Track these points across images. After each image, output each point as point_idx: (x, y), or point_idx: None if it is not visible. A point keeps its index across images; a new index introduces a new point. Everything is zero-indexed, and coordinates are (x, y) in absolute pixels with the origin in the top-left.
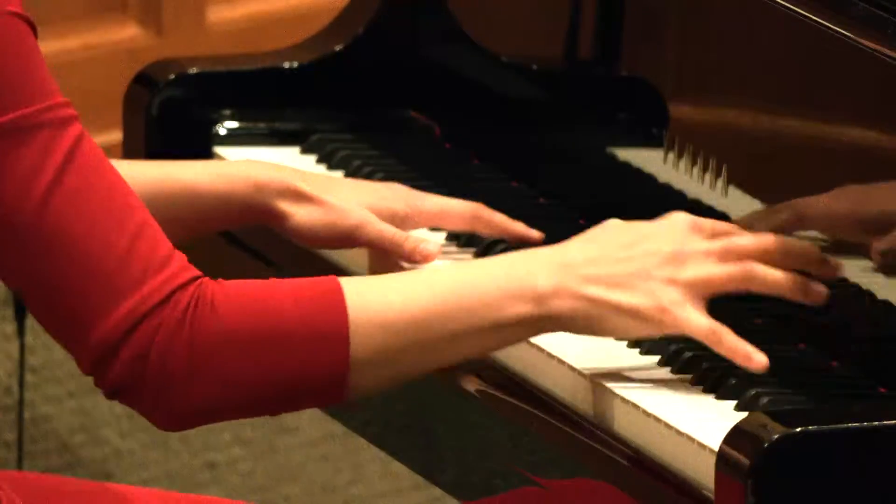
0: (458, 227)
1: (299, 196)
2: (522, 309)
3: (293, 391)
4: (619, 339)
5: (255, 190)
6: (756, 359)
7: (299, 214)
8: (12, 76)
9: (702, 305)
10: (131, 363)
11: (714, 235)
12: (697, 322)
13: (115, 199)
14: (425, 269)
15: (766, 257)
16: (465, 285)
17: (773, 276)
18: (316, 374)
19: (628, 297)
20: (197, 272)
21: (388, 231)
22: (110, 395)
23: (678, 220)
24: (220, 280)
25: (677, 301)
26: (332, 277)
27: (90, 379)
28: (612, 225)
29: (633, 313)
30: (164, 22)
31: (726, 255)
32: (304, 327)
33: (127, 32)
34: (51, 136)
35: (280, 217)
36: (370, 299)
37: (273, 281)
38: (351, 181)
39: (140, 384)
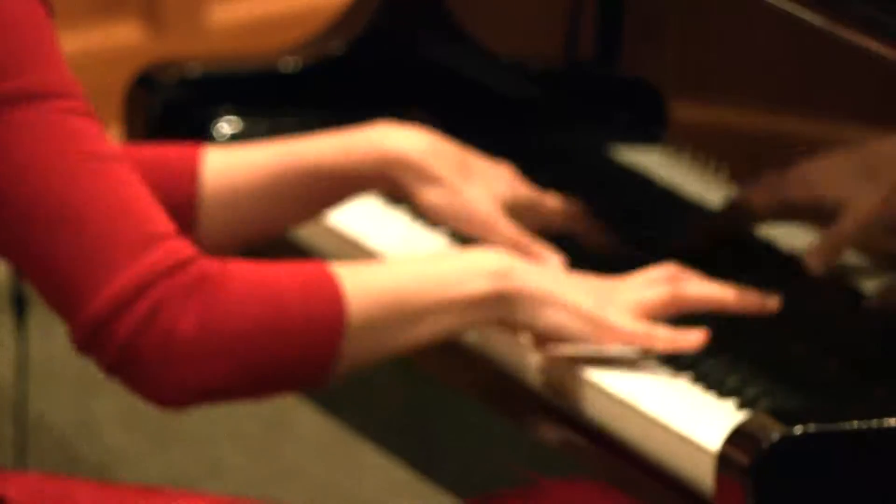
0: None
1: (429, 177)
2: (484, 284)
3: (288, 372)
4: (553, 334)
5: (383, 164)
6: (692, 337)
7: (427, 195)
8: (20, 48)
9: (638, 318)
10: (130, 337)
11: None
12: (630, 325)
13: (116, 176)
14: (416, 256)
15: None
16: (438, 264)
17: (706, 290)
18: (313, 355)
19: (573, 295)
20: (196, 250)
21: (512, 239)
22: (108, 370)
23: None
24: (220, 260)
25: (615, 310)
26: (320, 262)
27: (91, 377)
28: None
29: (573, 309)
30: (164, 22)
31: (662, 282)
32: (304, 302)
33: (127, 32)
34: (55, 107)
35: (407, 192)
36: (361, 280)
37: (268, 264)
38: (487, 164)
39: (140, 359)
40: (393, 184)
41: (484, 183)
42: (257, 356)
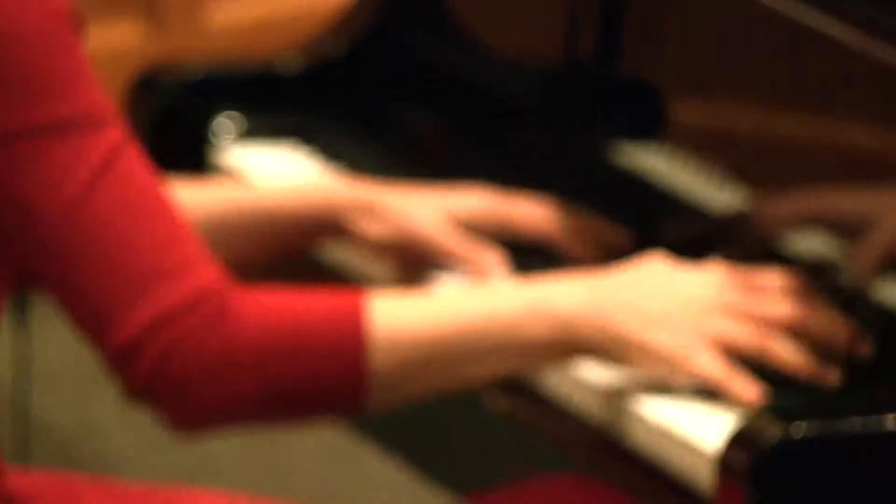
0: (538, 235)
1: (368, 209)
2: (544, 333)
3: (310, 403)
4: (637, 370)
5: (321, 205)
6: (753, 392)
7: (369, 229)
8: (51, 77)
9: (718, 355)
10: (153, 367)
11: (749, 290)
12: (710, 368)
13: (149, 203)
14: (454, 288)
15: (792, 327)
16: (489, 307)
17: (787, 357)
18: (333, 387)
19: (649, 337)
20: (226, 281)
21: (449, 248)
22: (133, 396)
23: (715, 272)
24: (247, 289)
25: (695, 348)
26: (357, 292)
27: (91, 376)
28: (653, 263)
29: (652, 353)
30: (164, 22)
31: (752, 319)
32: (322, 343)
33: (127, 32)
34: (89, 136)
35: (350, 230)
36: (395, 316)
37: (298, 293)
38: (432, 192)
39: (161, 388)
40: (335, 225)
41: (430, 205)
42: (276, 390)
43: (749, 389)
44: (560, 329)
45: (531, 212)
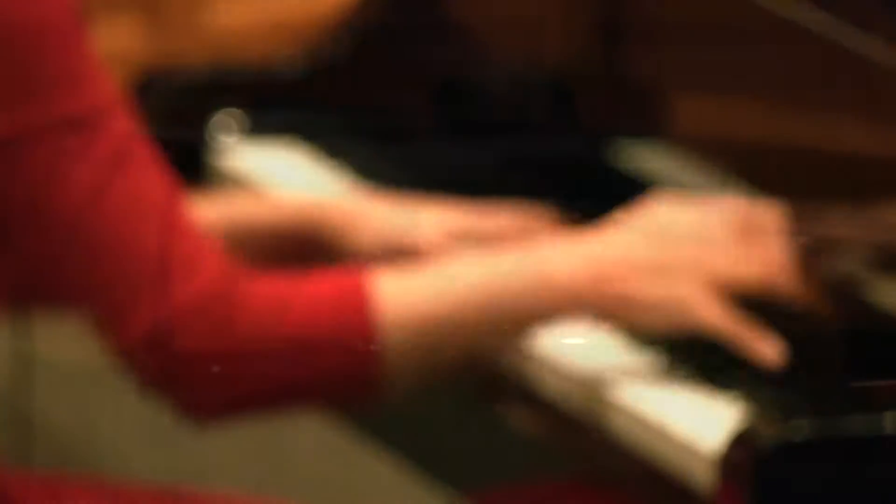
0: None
1: (354, 221)
2: (546, 302)
3: (325, 391)
4: (645, 329)
5: (307, 216)
6: (771, 350)
7: (356, 240)
8: (68, 70)
9: (723, 302)
10: (162, 360)
11: (748, 230)
12: (721, 318)
13: (159, 197)
14: (461, 261)
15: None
16: (493, 281)
17: (794, 292)
18: (347, 374)
19: (650, 291)
20: (234, 272)
21: (426, 247)
22: (145, 388)
23: (713, 218)
24: (255, 278)
25: (701, 297)
26: (362, 273)
27: (91, 376)
28: (651, 208)
29: (655, 307)
30: (164, 22)
31: (752, 259)
32: (332, 332)
33: (127, 32)
34: (103, 128)
35: (337, 243)
36: (402, 295)
37: (306, 280)
38: (413, 205)
39: (173, 383)
40: (322, 241)
41: (413, 216)
42: (289, 383)
43: (769, 347)
44: (561, 296)
45: (509, 226)
